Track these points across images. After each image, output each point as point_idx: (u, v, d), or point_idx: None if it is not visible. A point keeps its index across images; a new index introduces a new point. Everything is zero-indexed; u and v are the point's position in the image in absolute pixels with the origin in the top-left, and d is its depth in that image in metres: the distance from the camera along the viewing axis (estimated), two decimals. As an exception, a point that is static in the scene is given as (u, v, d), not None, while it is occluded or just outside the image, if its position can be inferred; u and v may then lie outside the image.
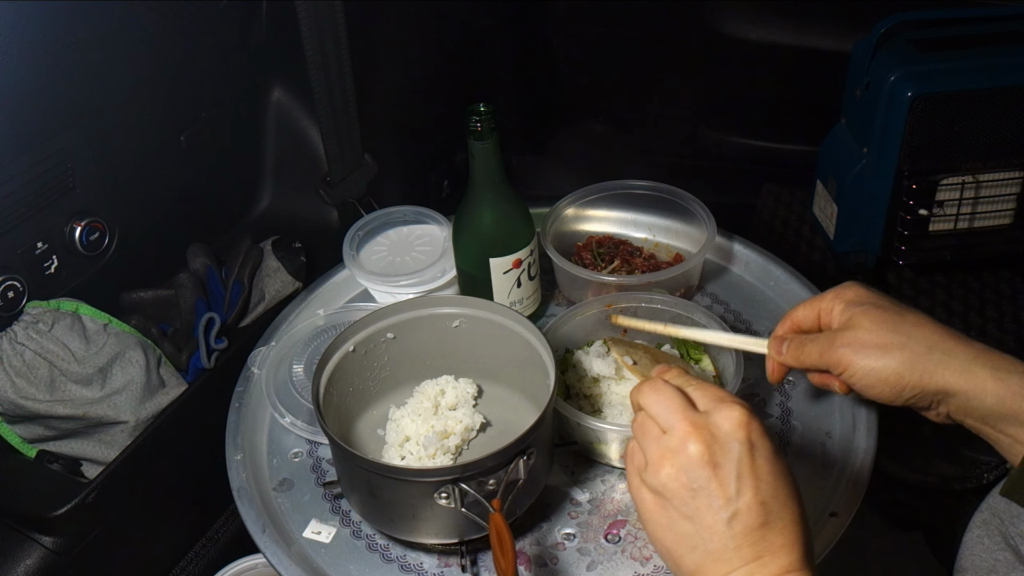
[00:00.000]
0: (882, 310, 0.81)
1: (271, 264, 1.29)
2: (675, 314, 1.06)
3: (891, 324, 0.80)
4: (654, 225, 1.29)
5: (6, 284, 1.07)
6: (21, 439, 1.10)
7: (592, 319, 1.09)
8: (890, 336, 0.79)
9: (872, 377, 0.80)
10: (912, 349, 0.78)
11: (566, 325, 1.07)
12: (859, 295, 0.83)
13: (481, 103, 1.02)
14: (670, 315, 1.07)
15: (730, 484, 0.65)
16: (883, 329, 0.80)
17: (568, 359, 1.06)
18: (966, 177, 1.48)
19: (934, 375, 0.78)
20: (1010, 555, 0.98)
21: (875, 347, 0.79)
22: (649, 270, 1.20)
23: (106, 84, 1.16)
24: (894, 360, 0.79)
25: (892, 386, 0.80)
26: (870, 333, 0.80)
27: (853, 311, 0.82)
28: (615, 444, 0.96)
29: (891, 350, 0.79)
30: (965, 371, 0.77)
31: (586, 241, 1.27)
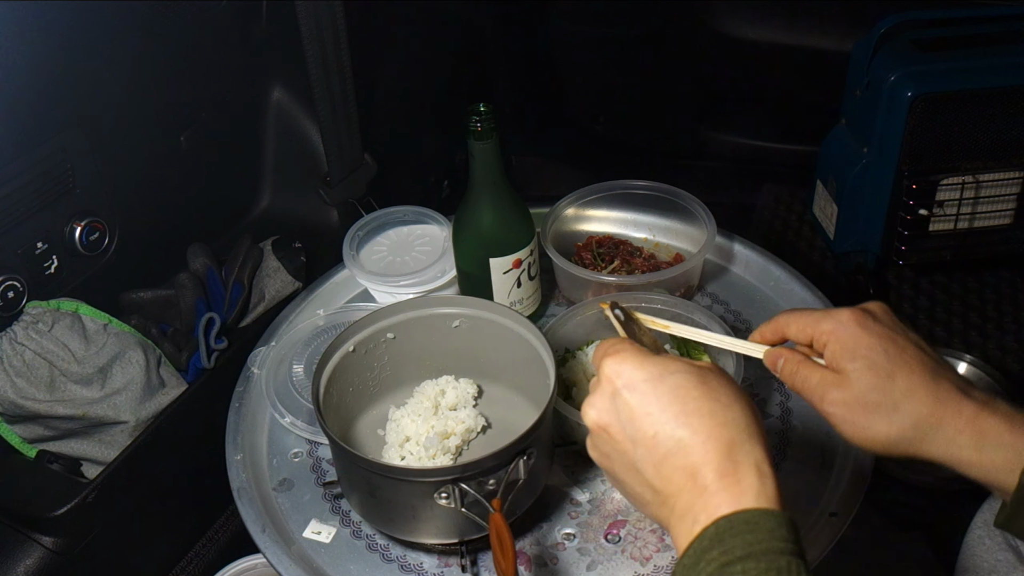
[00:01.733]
0: (874, 374, 0.76)
1: (271, 264, 1.29)
2: (675, 314, 1.06)
3: (881, 392, 0.75)
4: (654, 225, 1.29)
5: (6, 284, 1.07)
6: (21, 439, 1.10)
7: (592, 319, 1.09)
8: (878, 398, 0.75)
9: (859, 438, 0.76)
10: (899, 423, 0.75)
11: (566, 325, 1.07)
12: (856, 344, 0.77)
13: (481, 103, 1.02)
14: (670, 315, 1.07)
15: (624, 435, 0.66)
16: (873, 395, 0.75)
17: (568, 359, 1.06)
18: (966, 177, 1.48)
19: (919, 448, 0.75)
20: (1011, 556, 0.98)
21: (861, 407, 0.75)
22: (649, 270, 1.20)
23: (106, 84, 1.16)
24: (881, 431, 0.75)
25: (881, 447, 0.77)
26: (858, 398, 0.76)
27: (844, 366, 0.77)
28: None
29: (879, 422, 0.75)
30: (950, 443, 0.74)
31: (586, 241, 1.27)
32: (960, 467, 0.75)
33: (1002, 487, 0.75)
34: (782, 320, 0.83)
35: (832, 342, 0.78)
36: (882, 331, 0.77)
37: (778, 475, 0.62)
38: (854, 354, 0.76)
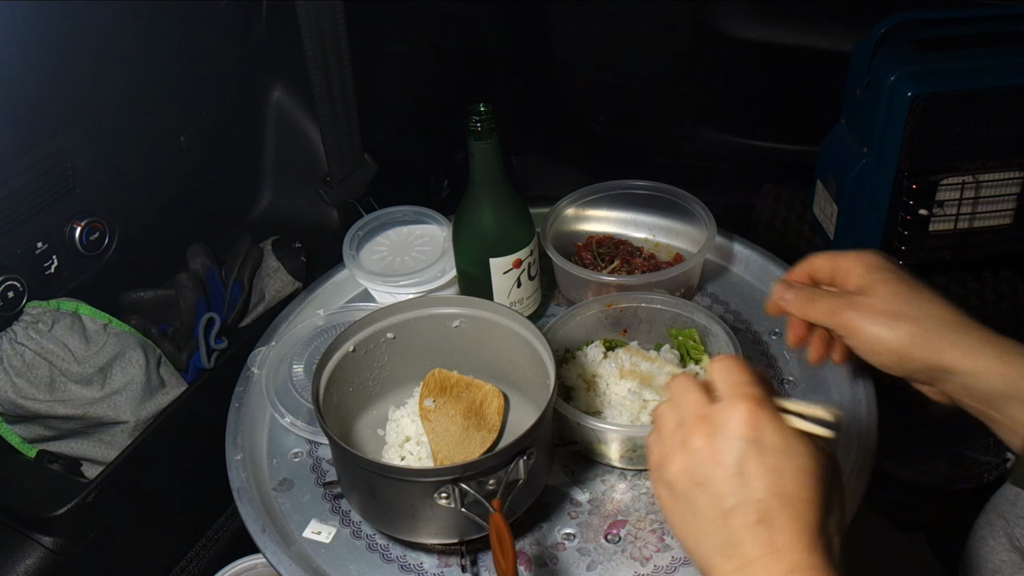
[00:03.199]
0: (899, 281, 0.81)
1: (271, 264, 1.29)
2: (675, 314, 1.06)
3: (905, 296, 0.80)
4: (654, 225, 1.29)
5: (6, 284, 1.07)
6: (21, 439, 1.10)
7: (592, 319, 1.09)
8: (903, 307, 0.79)
9: (878, 345, 0.80)
10: (922, 324, 0.78)
11: (566, 325, 1.07)
12: (880, 262, 0.83)
13: (481, 103, 1.02)
14: (670, 315, 1.07)
15: (730, 481, 0.65)
16: (897, 300, 0.80)
17: (568, 359, 1.06)
18: (966, 177, 1.48)
19: (940, 352, 0.78)
20: (1016, 556, 0.97)
21: (886, 316, 0.80)
22: (649, 270, 1.20)
23: (106, 84, 1.16)
24: (902, 331, 0.79)
25: (897, 356, 0.80)
26: (884, 302, 0.80)
27: (871, 277, 0.82)
28: (615, 444, 0.96)
29: (901, 321, 0.79)
30: (972, 351, 0.77)
31: (586, 241, 1.27)
32: (982, 376, 0.77)
33: (1019, 411, 0.76)
34: (807, 260, 0.88)
35: (857, 265, 0.83)
36: (900, 265, 0.84)
37: None
38: (882, 269, 0.82)
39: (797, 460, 0.65)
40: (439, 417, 0.99)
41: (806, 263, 0.89)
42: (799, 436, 0.66)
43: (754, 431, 0.66)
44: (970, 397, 0.80)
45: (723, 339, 1.01)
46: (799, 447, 0.65)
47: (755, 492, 0.65)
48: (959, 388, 0.80)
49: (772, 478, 0.65)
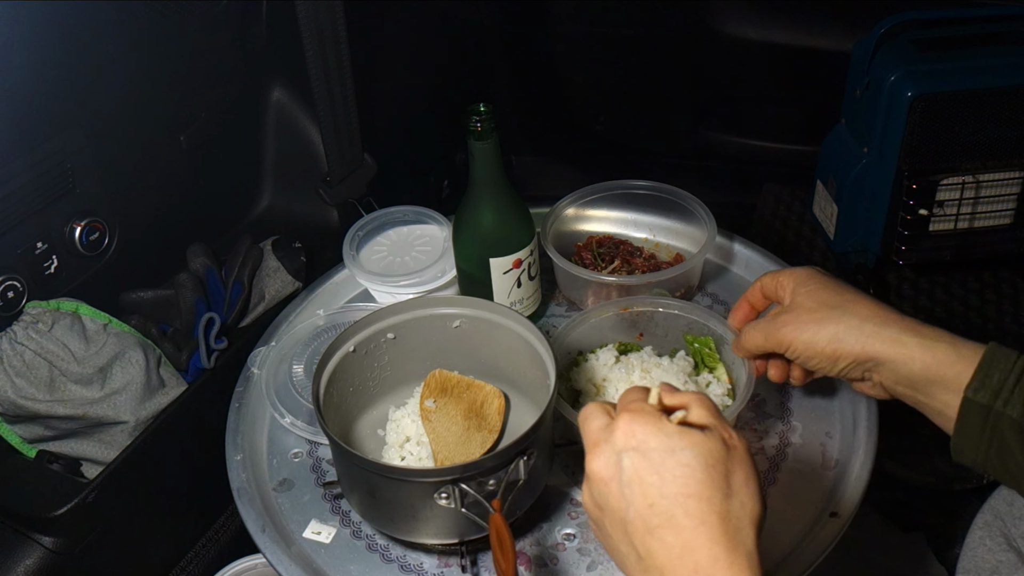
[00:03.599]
0: (824, 289, 0.88)
1: (271, 264, 1.29)
2: (692, 320, 1.05)
3: (829, 301, 0.86)
4: (654, 225, 1.29)
5: (6, 284, 1.07)
6: (21, 439, 1.10)
7: (608, 322, 1.08)
8: (827, 312, 0.86)
9: (810, 350, 0.86)
10: (846, 322, 0.84)
11: (580, 327, 1.06)
12: (808, 275, 0.90)
13: (481, 103, 1.02)
14: (687, 321, 1.06)
15: (621, 494, 0.64)
16: (822, 306, 0.86)
17: (579, 362, 1.06)
18: (966, 177, 1.48)
19: (865, 345, 0.84)
20: (1013, 556, 0.98)
21: (812, 322, 0.86)
22: (649, 270, 1.20)
23: (106, 84, 1.16)
24: (828, 332, 0.85)
25: (828, 356, 0.86)
26: (809, 310, 0.87)
27: (799, 290, 0.89)
28: None
29: (826, 323, 0.85)
30: (895, 341, 0.83)
31: (586, 241, 1.27)
32: (906, 363, 0.82)
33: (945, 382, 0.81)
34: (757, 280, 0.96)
35: (789, 281, 0.91)
36: (831, 276, 0.90)
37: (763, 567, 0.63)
38: (808, 281, 0.89)
39: (678, 456, 0.63)
40: (440, 418, 0.99)
41: (756, 284, 0.96)
42: (680, 432, 0.65)
43: (632, 439, 0.65)
44: (900, 385, 0.84)
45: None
46: (680, 441, 0.64)
47: (645, 498, 0.63)
48: (887, 377, 0.85)
49: (656, 480, 0.63)
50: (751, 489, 0.64)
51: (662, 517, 0.62)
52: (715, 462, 0.64)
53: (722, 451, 0.64)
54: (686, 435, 0.64)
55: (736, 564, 0.61)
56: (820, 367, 0.88)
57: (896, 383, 0.85)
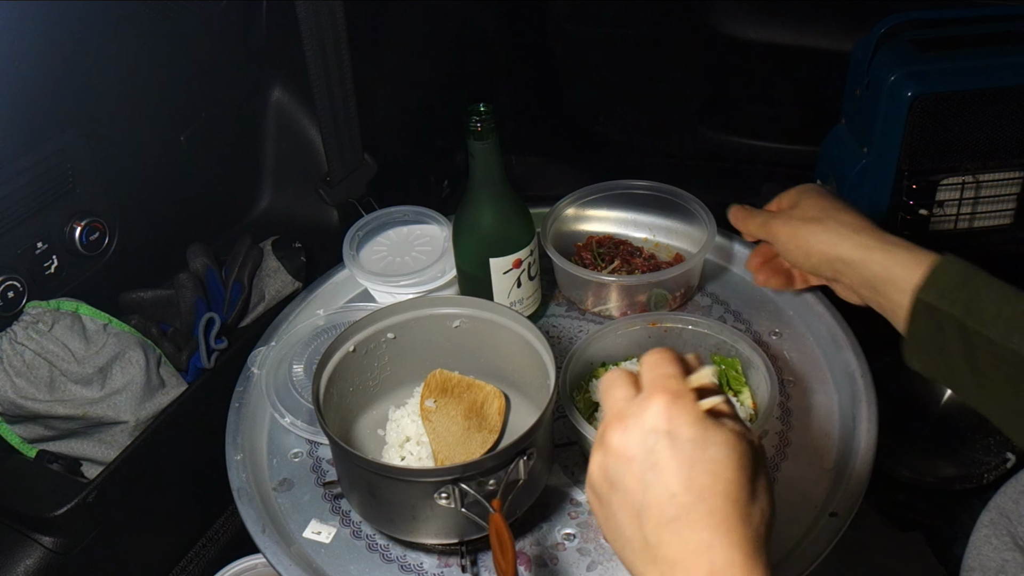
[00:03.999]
0: (819, 197, 1.01)
1: (271, 264, 1.29)
2: (720, 341, 1.05)
3: (821, 207, 0.99)
4: (654, 225, 1.29)
5: (6, 284, 1.07)
6: (21, 439, 1.10)
7: (634, 335, 1.06)
8: (815, 214, 0.99)
9: (791, 243, 1.00)
10: (826, 224, 0.97)
11: (606, 338, 1.05)
12: (810, 187, 1.04)
13: (481, 103, 1.02)
14: (715, 341, 1.05)
15: (642, 477, 0.61)
16: (812, 208, 1.00)
17: (598, 374, 1.05)
18: (966, 177, 1.48)
19: (835, 245, 0.96)
20: (1019, 555, 0.97)
21: (800, 220, 1.00)
22: (649, 270, 1.20)
23: (106, 84, 1.16)
24: (808, 230, 0.98)
25: (803, 250, 0.99)
26: (802, 212, 1.01)
27: (799, 198, 1.03)
28: None
29: (810, 224, 0.99)
30: (861, 245, 0.94)
31: (586, 241, 1.27)
32: (867, 264, 0.93)
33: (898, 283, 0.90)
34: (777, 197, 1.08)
35: (793, 192, 1.05)
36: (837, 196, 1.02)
37: None
38: (809, 191, 1.03)
39: (712, 451, 0.60)
40: (440, 418, 0.99)
41: (775, 200, 1.08)
42: (717, 426, 0.61)
43: (667, 423, 0.61)
44: (863, 287, 0.95)
45: (762, 373, 0.99)
46: (715, 436, 0.61)
47: (667, 487, 0.60)
48: (854, 279, 0.95)
49: (684, 472, 0.60)
50: (770, 495, 0.63)
51: (682, 510, 0.59)
52: (746, 463, 0.61)
53: (751, 452, 0.62)
54: (722, 430, 0.61)
55: (754, 572, 0.58)
56: (796, 260, 1.02)
57: (860, 285, 0.95)
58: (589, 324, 1.19)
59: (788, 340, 1.15)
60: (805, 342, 1.15)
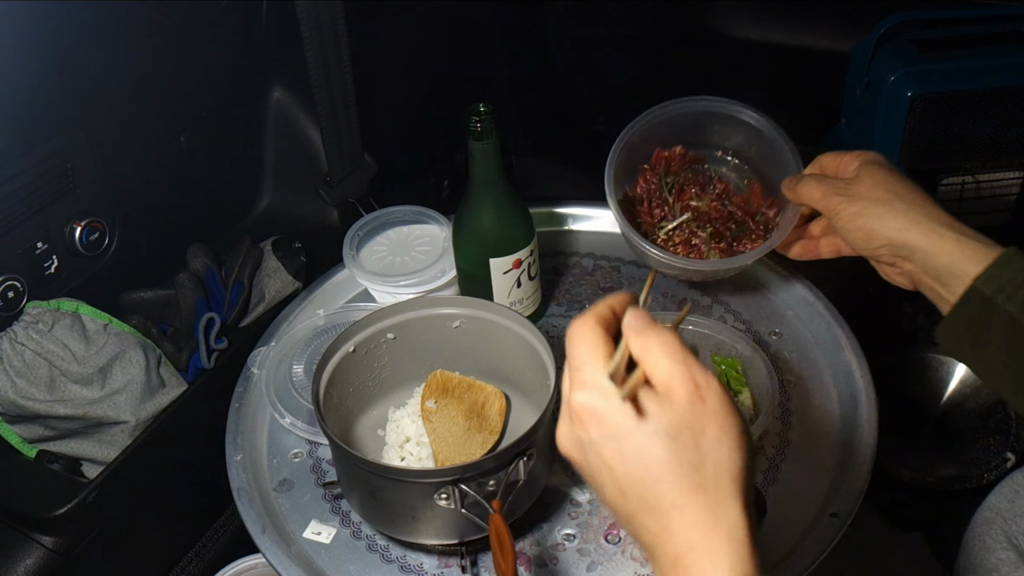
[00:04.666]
0: (885, 172, 0.92)
1: (271, 264, 1.29)
2: (720, 341, 1.04)
3: (887, 184, 0.90)
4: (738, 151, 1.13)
5: (6, 284, 1.07)
6: (21, 439, 1.10)
7: None
8: (882, 193, 0.90)
9: (854, 222, 0.91)
10: (895, 207, 0.88)
11: None
12: (874, 157, 0.94)
13: (480, 103, 1.02)
14: (715, 342, 1.04)
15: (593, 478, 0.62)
16: (879, 187, 0.90)
17: None
18: (966, 177, 1.48)
19: (903, 230, 0.87)
20: (1013, 555, 0.98)
21: (865, 199, 0.90)
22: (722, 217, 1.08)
23: (106, 84, 1.16)
24: (875, 210, 0.89)
25: (867, 232, 0.90)
26: (867, 188, 0.91)
27: (863, 169, 0.93)
28: None
29: (877, 204, 0.89)
30: (931, 231, 0.86)
31: (655, 157, 1.09)
32: (935, 254, 0.85)
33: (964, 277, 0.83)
34: (816, 160, 1.00)
35: (855, 159, 0.95)
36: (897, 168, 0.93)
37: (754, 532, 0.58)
38: (874, 163, 0.93)
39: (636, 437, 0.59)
40: (441, 418, 0.99)
41: (815, 162, 1.00)
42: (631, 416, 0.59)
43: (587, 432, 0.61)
44: (927, 275, 0.87)
45: (762, 373, 0.99)
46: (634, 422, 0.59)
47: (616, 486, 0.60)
48: (918, 266, 0.87)
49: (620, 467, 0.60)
50: (726, 443, 0.58)
51: (637, 503, 0.59)
52: (678, 430, 0.58)
53: (687, 411, 0.58)
54: (640, 417, 0.59)
55: (713, 545, 0.57)
56: (857, 242, 0.91)
57: (924, 273, 0.87)
58: (589, 324, 1.19)
59: (788, 340, 1.15)
60: (805, 342, 1.15)
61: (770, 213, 1.09)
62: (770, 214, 1.09)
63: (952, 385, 1.51)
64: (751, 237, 1.08)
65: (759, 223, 1.09)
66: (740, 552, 0.56)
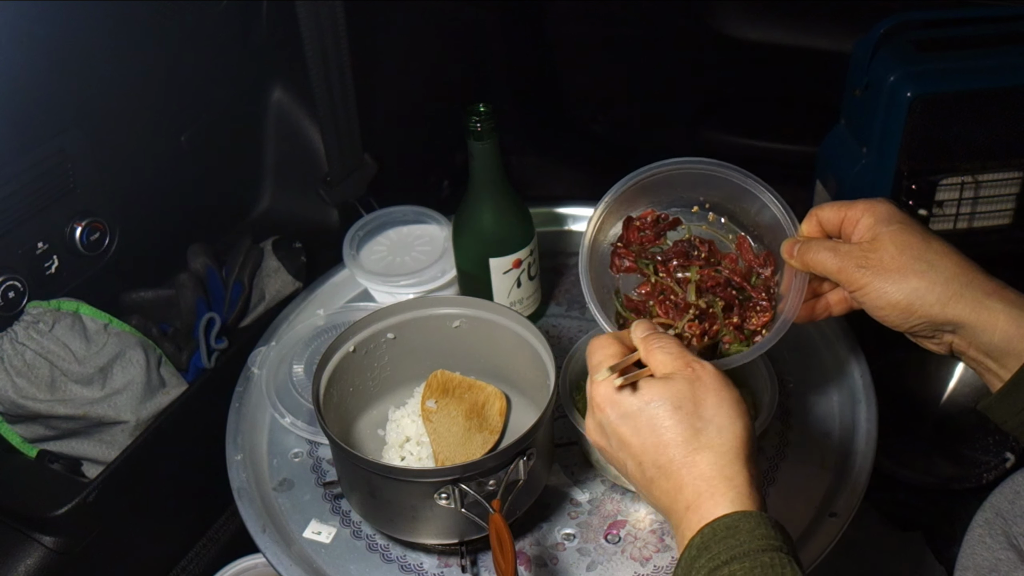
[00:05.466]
0: (909, 233, 0.79)
1: (271, 264, 1.29)
2: None
3: (916, 251, 0.78)
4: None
5: (7, 284, 1.07)
6: (22, 439, 1.10)
7: None
8: (911, 263, 0.78)
9: (884, 301, 0.79)
10: (930, 278, 0.77)
11: None
12: (889, 212, 0.81)
13: (481, 103, 1.02)
14: None
15: (616, 456, 0.73)
16: (905, 255, 0.78)
17: None
18: (965, 177, 1.48)
19: (947, 306, 0.77)
20: (1012, 555, 0.97)
21: (896, 272, 0.78)
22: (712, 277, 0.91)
23: (106, 84, 1.16)
24: (911, 287, 0.78)
25: (902, 312, 0.79)
26: (892, 257, 0.79)
27: (880, 229, 0.80)
28: None
29: (910, 277, 0.78)
30: (979, 304, 0.76)
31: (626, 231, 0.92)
32: (987, 331, 0.76)
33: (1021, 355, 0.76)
34: (812, 212, 0.86)
35: (867, 215, 0.81)
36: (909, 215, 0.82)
37: (758, 478, 0.67)
38: (890, 220, 0.80)
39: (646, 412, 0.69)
40: (441, 418, 0.99)
41: (812, 216, 0.87)
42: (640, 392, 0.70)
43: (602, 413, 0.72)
44: (973, 349, 0.79)
45: (763, 372, 0.99)
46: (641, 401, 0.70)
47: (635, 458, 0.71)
48: (963, 341, 0.79)
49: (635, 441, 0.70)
50: (725, 410, 0.68)
51: (653, 470, 0.69)
52: (681, 401, 0.68)
53: (686, 387, 0.69)
54: (647, 390, 0.70)
55: (717, 490, 0.65)
56: (888, 318, 0.80)
57: (970, 347, 0.79)
58: (589, 324, 1.19)
59: (788, 340, 1.15)
60: (805, 342, 1.15)
61: (766, 272, 0.92)
62: (766, 273, 0.92)
63: (952, 385, 1.51)
64: (753, 307, 0.91)
65: (757, 287, 0.92)
66: (740, 491, 0.65)
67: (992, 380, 0.80)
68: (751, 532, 0.63)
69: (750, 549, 0.62)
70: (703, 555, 0.63)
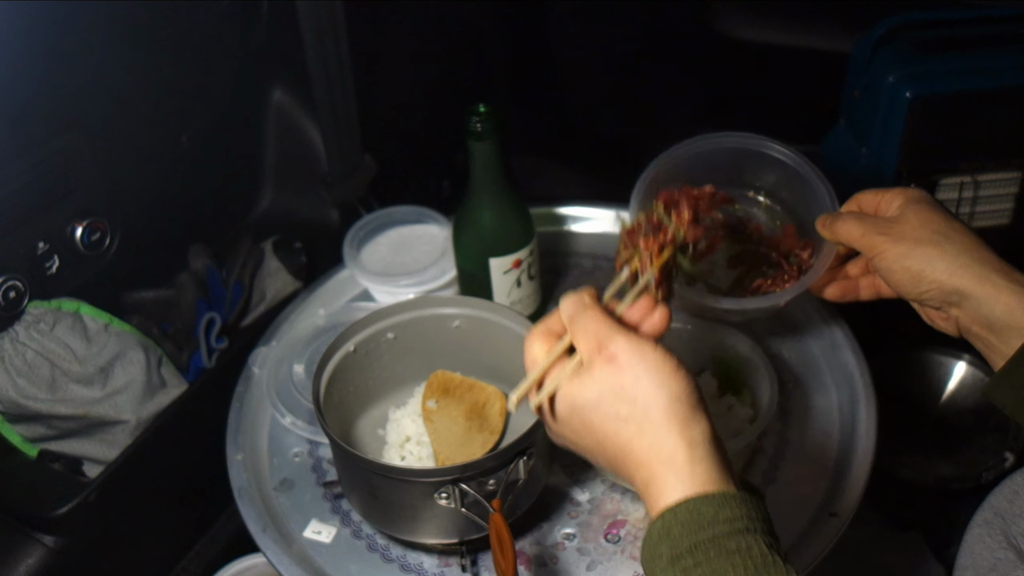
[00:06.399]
0: (932, 211, 0.86)
1: (272, 264, 1.30)
2: (720, 341, 1.03)
3: (934, 224, 0.84)
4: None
5: (7, 284, 1.07)
6: (22, 438, 1.11)
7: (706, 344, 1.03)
8: (929, 234, 0.84)
9: (899, 263, 0.85)
10: (943, 248, 0.83)
11: None
12: (919, 195, 0.88)
13: (481, 103, 1.02)
14: (715, 341, 1.03)
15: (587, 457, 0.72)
16: (925, 227, 0.84)
17: None
18: (965, 177, 1.48)
19: (954, 275, 0.82)
20: (1012, 555, 0.98)
21: (912, 240, 0.84)
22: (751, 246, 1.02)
23: (107, 85, 1.16)
24: (923, 252, 0.83)
25: (913, 277, 0.84)
26: (913, 228, 0.85)
27: (907, 207, 0.87)
28: None
29: (925, 245, 0.83)
30: (985, 278, 0.81)
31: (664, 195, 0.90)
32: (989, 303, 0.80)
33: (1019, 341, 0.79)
34: (854, 197, 0.94)
35: (898, 196, 0.89)
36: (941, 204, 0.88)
37: (705, 444, 0.64)
38: (919, 200, 0.87)
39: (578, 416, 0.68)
40: (441, 418, 0.99)
41: (854, 199, 0.94)
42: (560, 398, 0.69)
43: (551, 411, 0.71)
44: (976, 324, 0.82)
45: (763, 372, 0.98)
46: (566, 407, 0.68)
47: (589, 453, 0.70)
48: (969, 314, 0.82)
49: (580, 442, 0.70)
50: (645, 382, 0.65)
51: (610, 462, 0.68)
52: (601, 392, 0.66)
53: (603, 379, 0.66)
54: (566, 395, 0.68)
55: (659, 478, 0.63)
56: (902, 285, 0.86)
57: (974, 321, 0.82)
58: (589, 324, 1.19)
59: (788, 340, 1.15)
60: (805, 342, 1.15)
61: (804, 255, 1.02)
62: (804, 255, 1.02)
63: (951, 385, 1.51)
64: (783, 278, 1.02)
65: (792, 264, 1.03)
66: (680, 474, 0.63)
67: (995, 359, 0.82)
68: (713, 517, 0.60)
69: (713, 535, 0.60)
70: (664, 542, 0.61)
